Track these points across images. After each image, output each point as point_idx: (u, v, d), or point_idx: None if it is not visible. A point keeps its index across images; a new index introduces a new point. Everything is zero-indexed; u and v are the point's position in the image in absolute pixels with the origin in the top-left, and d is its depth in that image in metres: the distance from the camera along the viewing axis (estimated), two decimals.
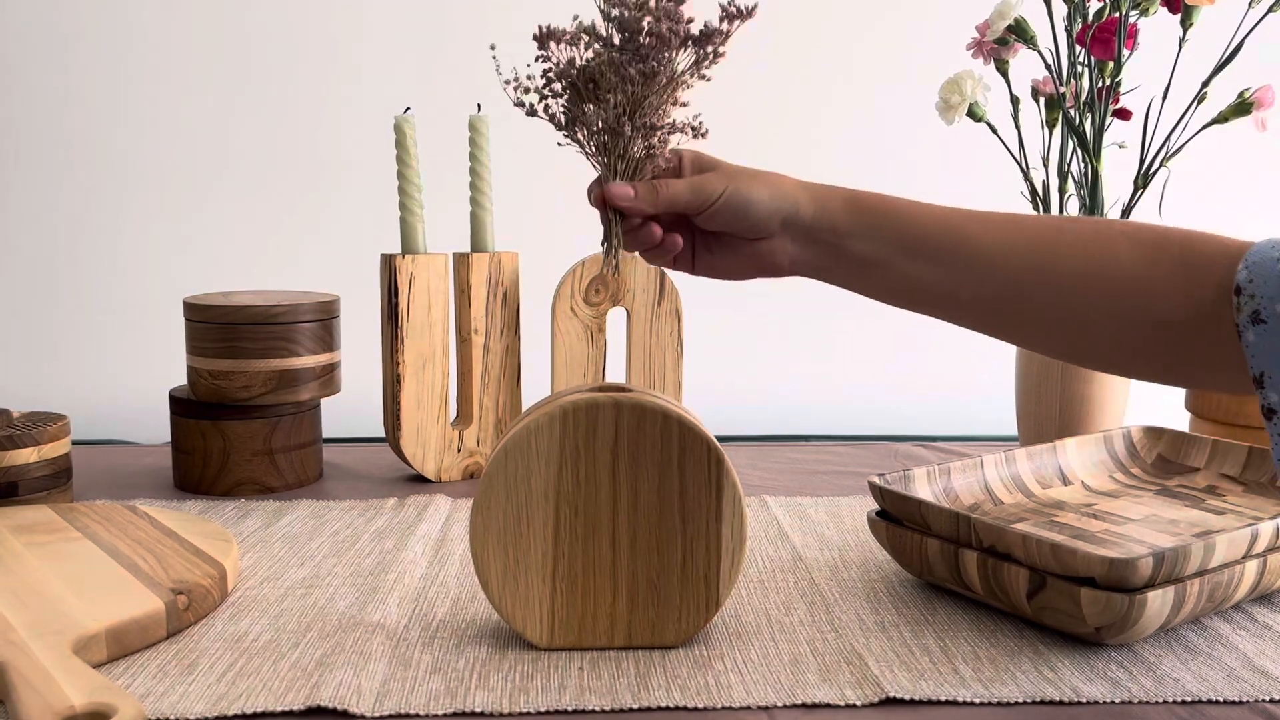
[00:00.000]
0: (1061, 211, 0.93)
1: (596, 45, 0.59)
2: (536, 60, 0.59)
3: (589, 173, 0.62)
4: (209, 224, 1.23)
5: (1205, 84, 0.88)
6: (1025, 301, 0.57)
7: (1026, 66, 0.97)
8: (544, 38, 0.59)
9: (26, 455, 0.77)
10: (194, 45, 1.21)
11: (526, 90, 0.60)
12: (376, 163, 1.07)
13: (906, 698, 0.53)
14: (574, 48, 0.59)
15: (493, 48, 0.60)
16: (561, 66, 0.59)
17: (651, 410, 0.58)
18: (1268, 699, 0.54)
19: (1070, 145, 0.92)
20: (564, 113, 0.60)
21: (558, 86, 0.59)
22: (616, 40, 0.58)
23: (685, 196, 0.59)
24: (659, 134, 0.60)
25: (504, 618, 0.59)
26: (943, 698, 0.53)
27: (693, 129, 0.61)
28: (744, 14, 0.60)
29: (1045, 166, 0.95)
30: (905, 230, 0.59)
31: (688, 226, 0.62)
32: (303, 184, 1.23)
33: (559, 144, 0.61)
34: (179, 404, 0.89)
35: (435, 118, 1.00)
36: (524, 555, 0.58)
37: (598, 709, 0.53)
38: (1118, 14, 0.87)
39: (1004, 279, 0.57)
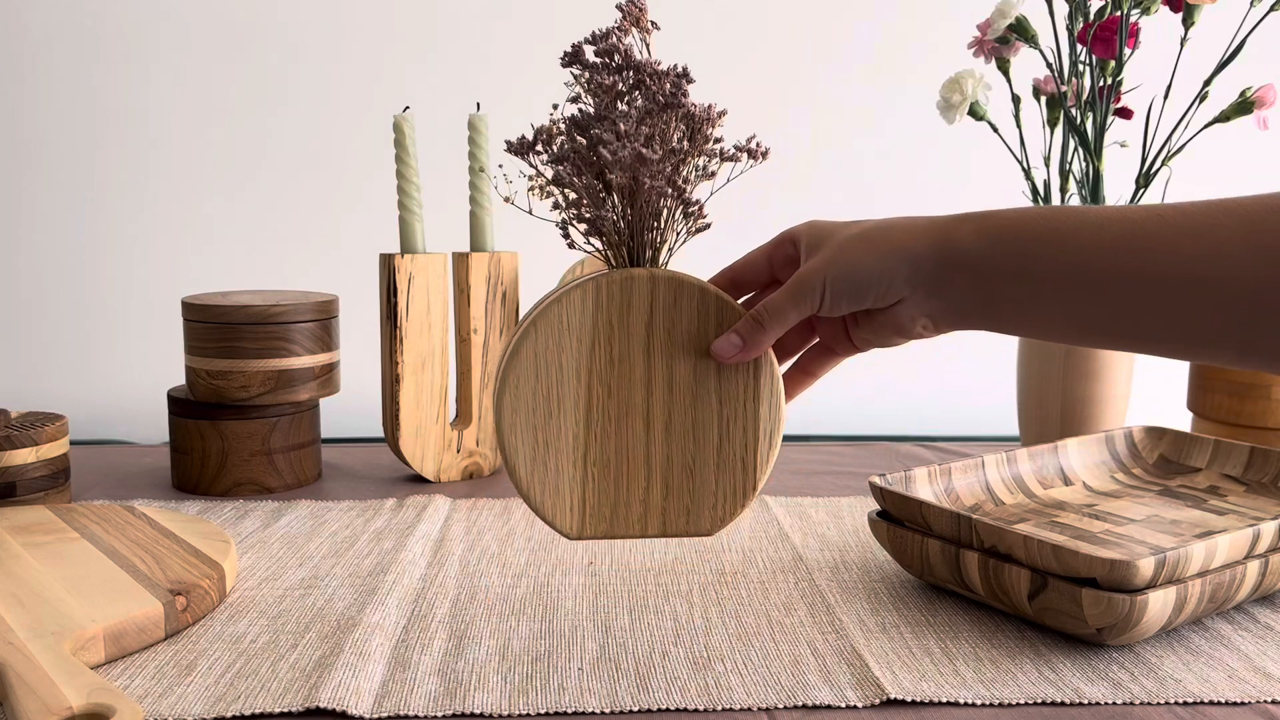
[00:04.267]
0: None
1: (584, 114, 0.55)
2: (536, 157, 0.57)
3: None
4: (207, 224, 1.23)
5: (1207, 83, 0.88)
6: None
7: (1028, 65, 0.96)
8: (524, 148, 0.56)
9: (24, 455, 0.77)
10: (193, 44, 1.21)
11: (545, 193, 0.57)
12: (376, 162, 1.07)
13: (908, 699, 0.53)
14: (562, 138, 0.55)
15: (502, 164, 0.59)
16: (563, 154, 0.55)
17: (688, 285, 0.55)
18: (1270, 700, 0.54)
19: (1072, 144, 0.92)
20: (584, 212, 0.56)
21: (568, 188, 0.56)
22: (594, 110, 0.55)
23: (790, 310, 0.53)
24: (691, 177, 0.55)
25: (532, 506, 0.56)
26: (944, 699, 0.53)
27: (748, 152, 0.56)
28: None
29: (1046, 166, 0.95)
30: (1060, 253, 0.48)
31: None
32: (302, 183, 1.23)
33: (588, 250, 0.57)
34: (177, 404, 0.89)
35: (434, 117, 1.00)
36: (554, 438, 0.55)
37: (597, 710, 0.52)
38: (1119, 13, 0.86)
39: (1249, 291, 0.43)
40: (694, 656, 0.58)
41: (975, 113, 0.93)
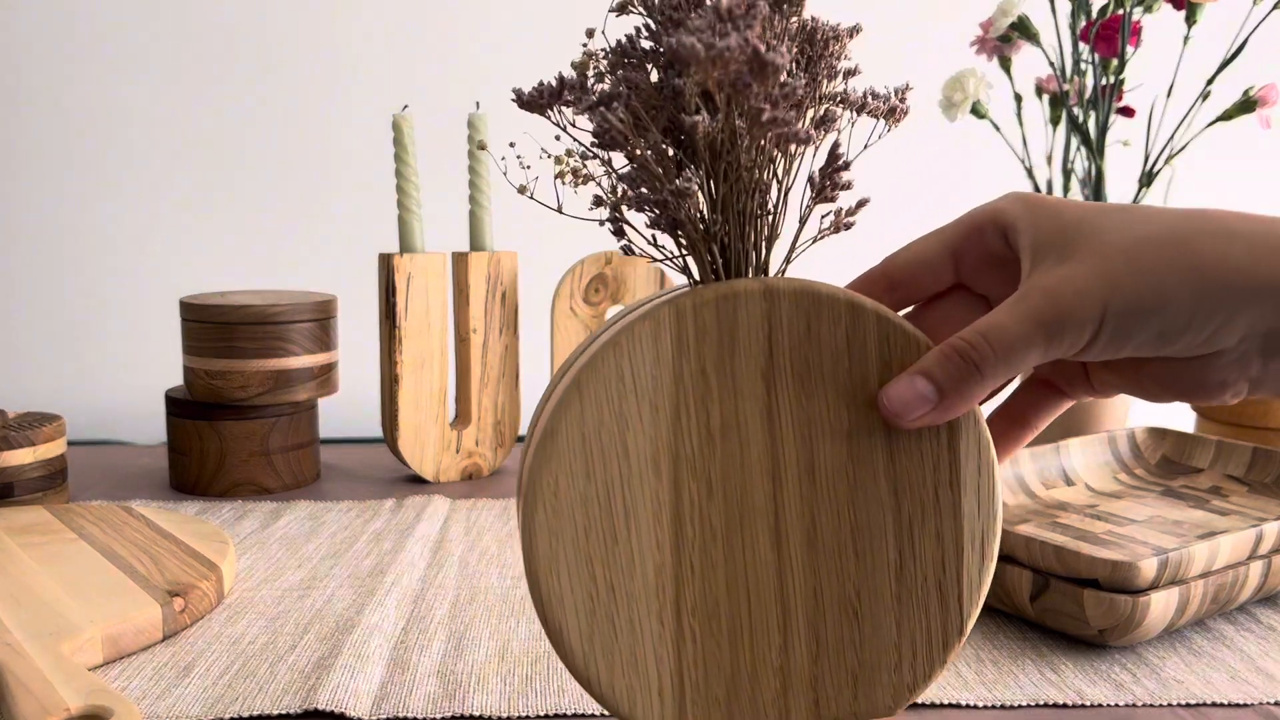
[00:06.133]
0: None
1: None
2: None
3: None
4: (206, 223, 1.23)
5: (1209, 81, 0.88)
6: None
7: (1030, 64, 0.96)
8: (547, 97, 0.36)
9: (22, 456, 0.77)
10: (191, 43, 1.21)
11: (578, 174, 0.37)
12: (374, 161, 1.07)
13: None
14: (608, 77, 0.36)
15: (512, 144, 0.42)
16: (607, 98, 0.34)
17: (830, 301, 0.35)
18: (1272, 701, 0.53)
19: (1074, 143, 0.92)
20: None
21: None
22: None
23: (1036, 346, 0.34)
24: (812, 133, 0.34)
25: (596, 694, 0.36)
26: (945, 701, 0.53)
27: (890, 109, 0.38)
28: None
29: (1049, 164, 0.94)
30: None
31: None
32: (300, 183, 1.23)
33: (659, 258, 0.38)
34: (175, 404, 0.89)
35: (434, 116, 1.00)
36: (624, 576, 0.35)
37: (597, 712, 0.52)
38: (1122, 11, 0.86)
39: None
40: None
41: (977, 111, 0.93)
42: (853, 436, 0.36)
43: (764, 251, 0.36)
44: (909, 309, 0.41)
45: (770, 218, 0.36)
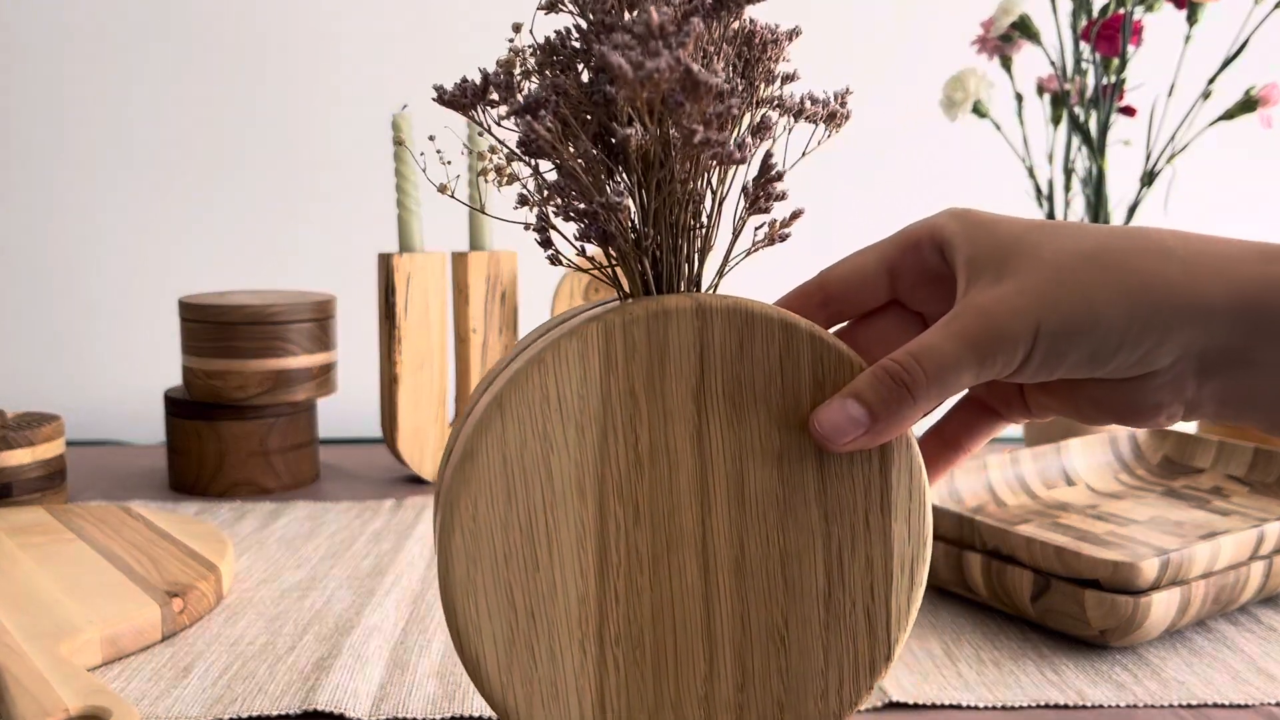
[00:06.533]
0: (1066, 209, 0.93)
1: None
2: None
3: None
4: (204, 223, 1.23)
5: (1211, 81, 0.87)
6: None
7: (1031, 63, 0.96)
8: (470, 96, 0.35)
9: (20, 456, 0.77)
10: (189, 42, 1.20)
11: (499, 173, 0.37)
12: (374, 161, 1.07)
13: (910, 702, 0.53)
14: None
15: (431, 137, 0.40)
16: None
17: (762, 319, 0.34)
18: (1274, 702, 0.53)
19: (1075, 142, 0.92)
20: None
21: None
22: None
23: (968, 368, 0.34)
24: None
25: None
26: (946, 701, 0.53)
27: (831, 114, 0.36)
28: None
29: (1050, 164, 0.94)
30: None
31: None
32: (299, 182, 1.23)
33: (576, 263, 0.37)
34: (174, 404, 0.89)
35: (433, 115, 1.00)
36: (545, 603, 0.34)
37: None
38: (1123, 10, 0.86)
39: None
40: None
41: (978, 110, 0.93)
42: (784, 460, 0.35)
43: (696, 264, 0.35)
44: (843, 325, 0.41)
45: (703, 230, 0.35)
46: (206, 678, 0.55)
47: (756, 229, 0.37)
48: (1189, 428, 0.94)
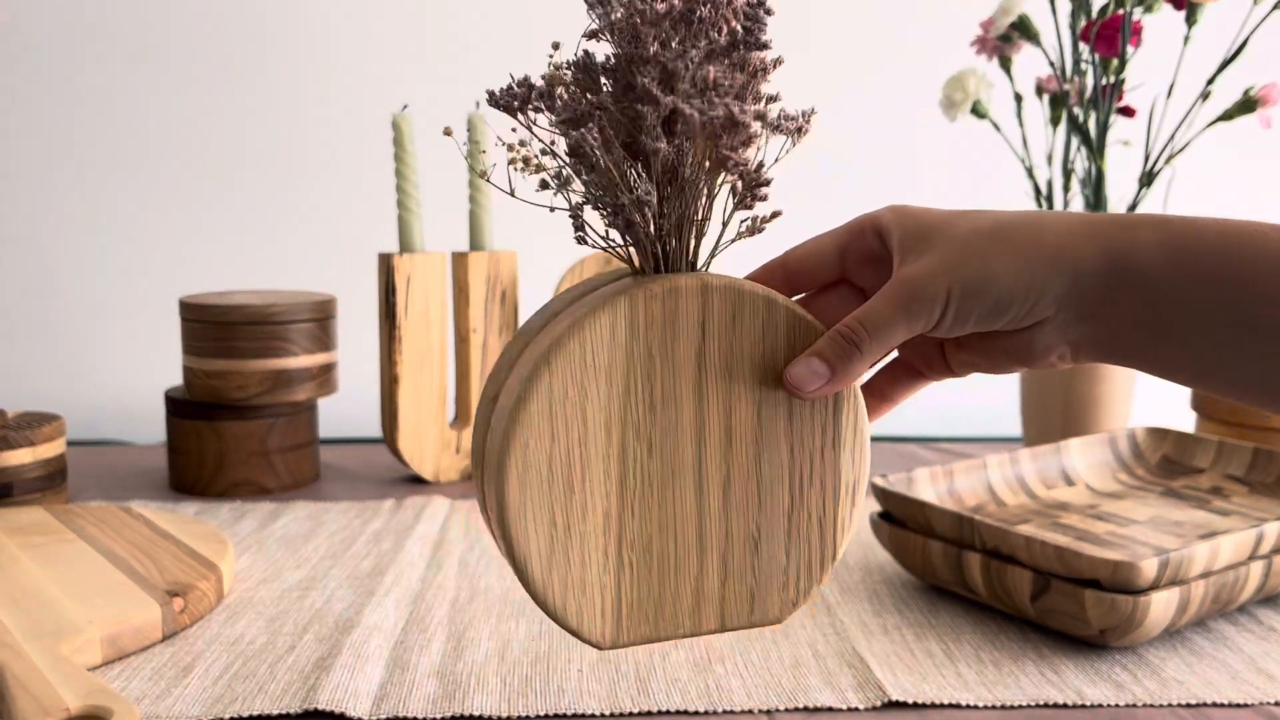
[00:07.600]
0: (1065, 209, 0.93)
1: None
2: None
3: None
4: (205, 223, 1.23)
5: (1210, 81, 0.87)
6: None
7: (1030, 63, 0.96)
8: (519, 100, 0.43)
9: (21, 456, 0.77)
10: (190, 43, 1.20)
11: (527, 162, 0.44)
12: (374, 161, 1.07)
13: (909, 701, 0.53)
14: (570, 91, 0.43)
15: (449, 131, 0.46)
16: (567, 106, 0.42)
17: (750, 295, 0.43)
18: (1273, 701, 0.53)
19: (1074, 143, 0.92)
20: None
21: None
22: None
23: (899, 326, 0.43)
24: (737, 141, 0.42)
25: (550, 613, 0.44)
26: (946, 701, 0.53)
27: (798, 129, 0.44)
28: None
29: (1049, 164, 0.94)
30: (1252, 292, 0.39)
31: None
32: (300, 182, 1.23)
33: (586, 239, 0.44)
34: (175, 404, 0.89)
35: (433, 115, 1.00)
36: (578, 519, 0.43)
37: (597, 712, 0.52)
38: (1122, 11, 0.86)
39: None
40: (694, 658, 0.58)
41: (978, 111, 0.93)
42: (762, 406, 0.44)
43: (694, 246, 0.44)
44: (801, 296, 0.49)
45: (701, 220, 0.44)
46: (207, 677, 0.55)
47: (741, 221, 0.45)
48: (1188, 428, 0.94)
